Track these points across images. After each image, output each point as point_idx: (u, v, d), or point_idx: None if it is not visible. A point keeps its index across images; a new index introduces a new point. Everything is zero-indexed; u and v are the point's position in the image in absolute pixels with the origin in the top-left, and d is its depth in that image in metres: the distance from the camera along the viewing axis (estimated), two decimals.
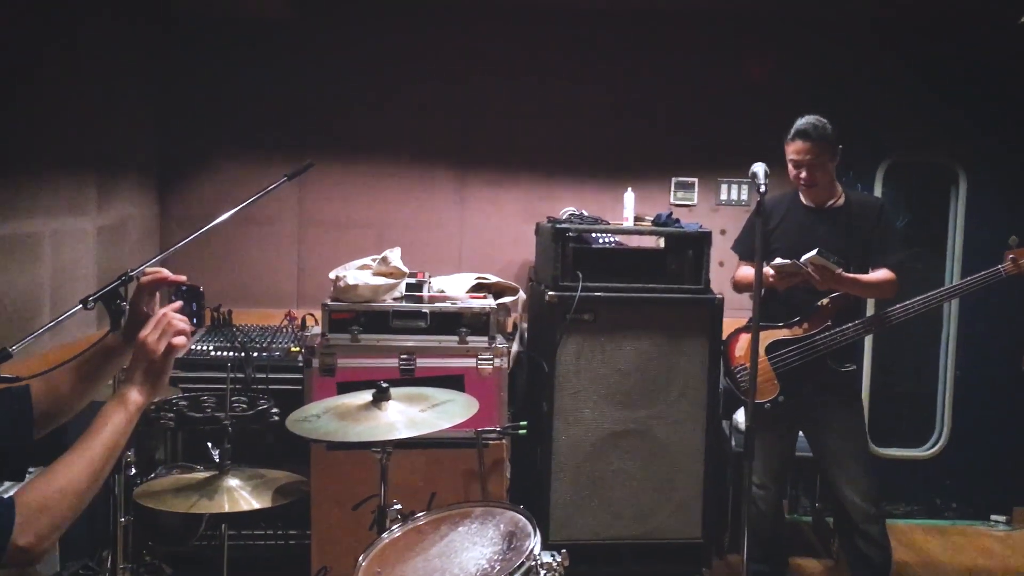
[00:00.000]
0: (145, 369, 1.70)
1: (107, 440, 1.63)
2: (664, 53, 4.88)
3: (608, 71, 4.88)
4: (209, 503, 2.33)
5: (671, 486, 4.02)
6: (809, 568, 4.44)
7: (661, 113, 4.91)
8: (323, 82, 4.74)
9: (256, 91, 4.70)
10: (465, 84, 4.81)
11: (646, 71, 4.89)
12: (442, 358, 3.82)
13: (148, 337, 1.71)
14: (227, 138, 4.72)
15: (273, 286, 4.78)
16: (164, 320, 1.72)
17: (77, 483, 1.56)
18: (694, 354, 3.99)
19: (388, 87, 4.78)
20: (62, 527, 1.54)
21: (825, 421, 3.72)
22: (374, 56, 4.76)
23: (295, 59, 4.72)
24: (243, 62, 4.69)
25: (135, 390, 1.69)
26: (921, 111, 4.93)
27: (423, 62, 4.79)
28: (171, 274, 1.90)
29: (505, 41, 4.82)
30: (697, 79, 4.90)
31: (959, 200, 5.07)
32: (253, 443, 3.57)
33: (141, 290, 1.87)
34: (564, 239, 3.97)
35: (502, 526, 2.29)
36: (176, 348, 1.72)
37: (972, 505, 5.16)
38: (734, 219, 4.89)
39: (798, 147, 3.58)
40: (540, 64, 4.85)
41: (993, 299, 4.74)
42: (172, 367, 1.75)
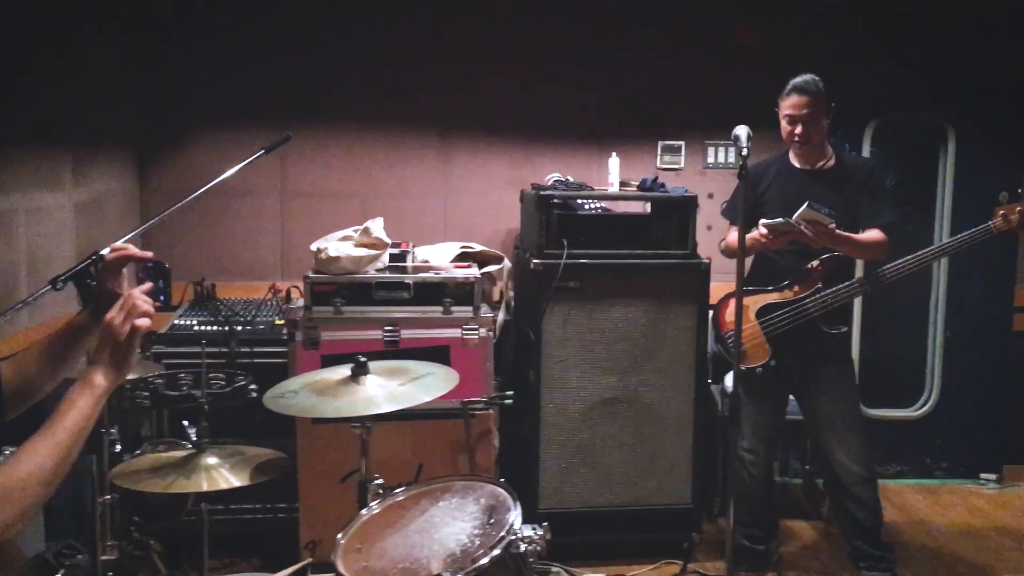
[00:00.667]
0: (111, 351, 1.66)
1: (72, 424, 1.59)
2: (649, 14, 4.79)
3: (592, 34, 4.79)
4: (187, 482, 2.30)
5: (660, 452, 4.00)
6: (799, 530, 4.44)
7: (647, 76, 4.83)
8: (304, 52, 4.65)
9: (237, 62, 4.61)
10: (448, 51, 4.73)
11: (631, 34, 4.80)
12: (427, 329, 3.79)
13: (113, 319, 1.67)
14: (208, 110, 4.64)
15: (257, 259, 4.72)
16: (129, 302, 1.68)
17: (42, 470, 1.52)
18: (682, 320, 3.96)
19: (370, 56, 4.69)
20: (28, 514, 1.51)
21: (817, 384, 3.70)
22: (356, 25, 4.67)
23: (276, 29, 4.63)
24: (224, 34, 4.60)
25: (100, 373, 1.65)
26: (909, 70, 4.86)
27: (405, 30, 4.70)
28: (137, 251, 1.85)
29: (487, 6, 4.73)
30: (683, 40, 4.82)
31: (948, 158, 5.03)
32: (239, 418, 3.54)
33: (107, 268, 1.83)
34: (549, 206, 3.92)
35: (483, 500, 2.26)
36: (140, 329, 1.68)
37: (962, 464, 5.17)
38: (722, 182, 4.84)
39: (794, 101, 3.54)
40: (523, 29, 4.76)
41: (981, 259, 4.71)
42: (138, 348, 1.71)
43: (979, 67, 4.89)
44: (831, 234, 3.43)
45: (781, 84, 3.69)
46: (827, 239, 3.45)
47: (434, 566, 1.99)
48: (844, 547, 3.92)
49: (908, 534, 4.38)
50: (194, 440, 2.43)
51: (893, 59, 4.84)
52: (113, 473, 2.34)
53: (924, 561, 4.08)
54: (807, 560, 4.12)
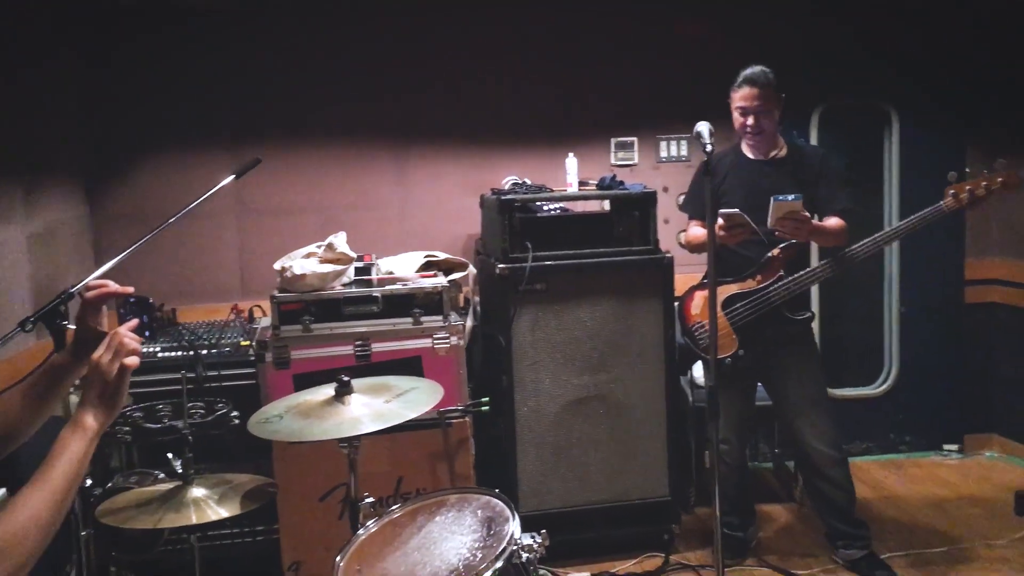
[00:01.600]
0: (100, 392, 1.63)
1: (67, 469, 1.56)
2: (598, 14, 4.83)
3: (541, 36, 4.82)
4: (176, 516, 2.26)
5: (635, 447, 4.04)
6: (775, 514, 4.52)
7: (597, 74, 4.87)
8: (256, 70, 4.60)
9: (188, 82, 4.55)
10: (400, 60, 4.71)
11: (580, 33, 4.84)
12: (398, 341, 3.77)
13: (101, 359, 1.64)
14: (159, 132, 4.57)
15: (216, 280, 4.66)
16: (116, 340, 1.66)
17: (39, 518, 1.49)
18: (648, 314, 4.00)
19: (322, 69, 4.65)
20: (28, 565, 1.48)
21: (784, 370, 3.77)
22: (306, 39, 4.64)
23: (227, 48, 4.57)
24: (173, 53, 4.53)
25: (90, 414, 1.62)
26: (852, 55, 4.97)
27: (356, 41, 4.67)
28: (116, 286, 1.82)
29: (438, 13, 4.72)
30: (630, 37, 4.87)
31: (892, 141, 5.15)
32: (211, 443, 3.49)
33: (87, 306, 1.79)
34: (510, 210, 3.93)
35: (479, 512, 2.26)
36: (129, 368, 1.65)
37: (925, 437, 5.31)
38: (676, 176, 4.90)
39: (746, 94, 3.60)
40: (474, 34, 4.77)
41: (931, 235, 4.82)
42: (127, 387, 1.68)
43: (920, 51, 5.01)
44: (811, 227, 3.49)
45: (728, 75, 3.74)
46: (807, 233, 3.51)
47: None
48: (821, 527, 3.99)
49: (879, 509, 4.48)
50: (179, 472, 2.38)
51: (836, 46, 4.94)
52: (99, 512, 2.30)
53: (897, 535, 4.18)
54: (785, 543, 4.19)
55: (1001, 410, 5.22)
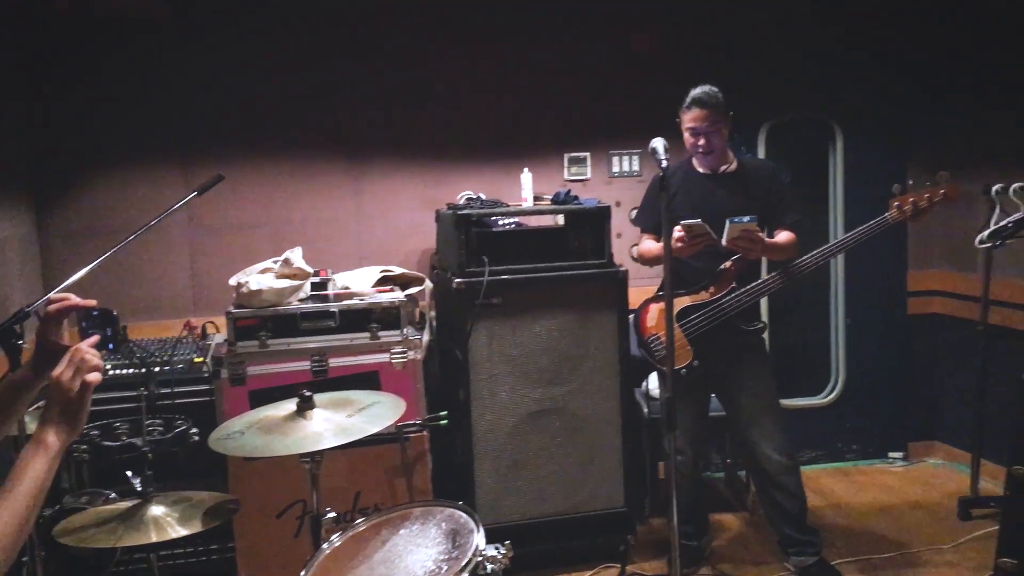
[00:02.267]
0: (61, 409, 1.61)
1: (29, 488, 1.54)
2: (550, 31, 4.89)
3: (494, 51, 4.86)
4: (136, 534, 2.24)
5: (591, 459, 4.08)
6: (728, 523, 4.59)
7: (549, 90, 4.92)
8: (205, 82, 4.57)
9: (136, 97, 4.50)
10: (352, 74, 4.71)
11: (532, 49, 4.89)
12: (355, 356, 3.77)
13: (62, 375, 1.62)
14: (107, 147, 4.51)
15: (168, 295, 4.61)
16: (77, 356, 1.64)
17: (2, 537, 1.48)
18: (604, 327, 4.05)
19: (273, 82, 4.64)
20: None
21: (737, 380, 3.83)
22: (257, 52, 4.61)
23: (174, 60, 4.53)
24: (121, 68, 4.48)
25: (52, 432, 1.60)
26: (796, 72, 5.08)
27: (308, 55, 4.66)
28: (79, 300, 1.80)
29: (390, 27, 4.73)
30: (582, 54, 4.93)
31: (837, 155, 5.28)
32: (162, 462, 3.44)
33: (48, 320, 1.77)
34: (467, 225, 3.95)
35: (444, 524, 2.27)
36: (91, 385, 1.64)
37: (871, 445, 5.43)
38: (628, 190, 4.97)
39: (695, 115, 3.66)
40: (427, 49, 4.79)
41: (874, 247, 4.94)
42: (89, 404, 1.67)
43: (860, 66, 5.15)
44: (764, 245, 3.57)
45: (678, 92, 3.80)
46: (760, 251, 3.59)
47: None
48: (772, 535, 4.06)
49: (829, 517, 4.57)
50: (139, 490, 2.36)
51: (782, 63, 5.06)
52: (56, 531, 2.26)
53: (846, 541, 4.26)
54: (738, 551, 4.25)
55: (944, 418, 5.37)
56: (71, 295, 1.81)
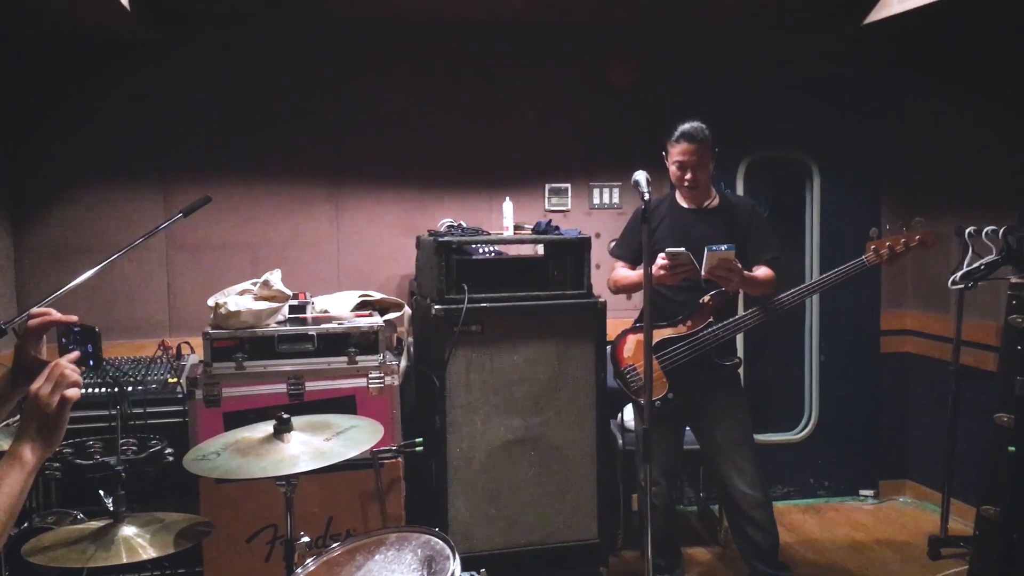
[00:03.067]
0: (39, 425, 1.60)
1: (4, 503, 1.53)
2: (532, 64, 4.94)
3: (478, 82, 4.90)
4: (106, 555, 2.21)
5: (566, 489, 4.07)
6: (699, 557, 4.58)
7: (531, 121, 4.96)
8: (186, 103, 4.57)
9: (114, 114, 4.50)
10: (335, 99, 4.73)
11: (515, 81, 4.94)
12: (332, 380, 3.76)
13: (40, 391, 1.61)
14: (85, 164, 4.49)
15: (143, 315, 4.57)
16: (56, 372, 1.62)
17: None
18: (581, 358, 4.05)
19: (253, 106, 4.64)
20: None
21: (712, 414, 3.85)
22: (239, 75, 4.63)
23: (155, 81, 4.54)
24: (100, 86, 4.49)
25: (28, 447, 1.59)
26: (776, 110, 5.16)
27: (291, 79, 4.68)
28: (60, 315, 1.79)
29: (374, 55, 4.76)
30: (565, 87, 4.99)
31: (813, 193, 5.35)
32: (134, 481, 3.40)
33: (28, 334, 1.76)
34: (447, 251, 3.96)
35: (419, 551, 2.26)
36: (70, 400, 1.62)
37: (842, 482, 5.45)
38: (608, 222, 5.01)
39: (683, 148, 3.71)
40: (410, 76, 4.82)
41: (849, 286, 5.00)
42: (67, 420, 1.65)
43: (839, 107, 5.24)
44: (742, 277, 3.61)
45: (658, 126, 3.86)
46: (738, 283, 3.62)
47: None
48: (744, 569, 4.06)
49: (799, 553, 4.58)
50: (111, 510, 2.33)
51: (762, 101, 5.13)
52: (24, 550, 2.22)
53: None
54: None
55: (914, 457, 5.41)
56: (52, 310, 1.80)
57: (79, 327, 1.77)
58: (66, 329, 1.79)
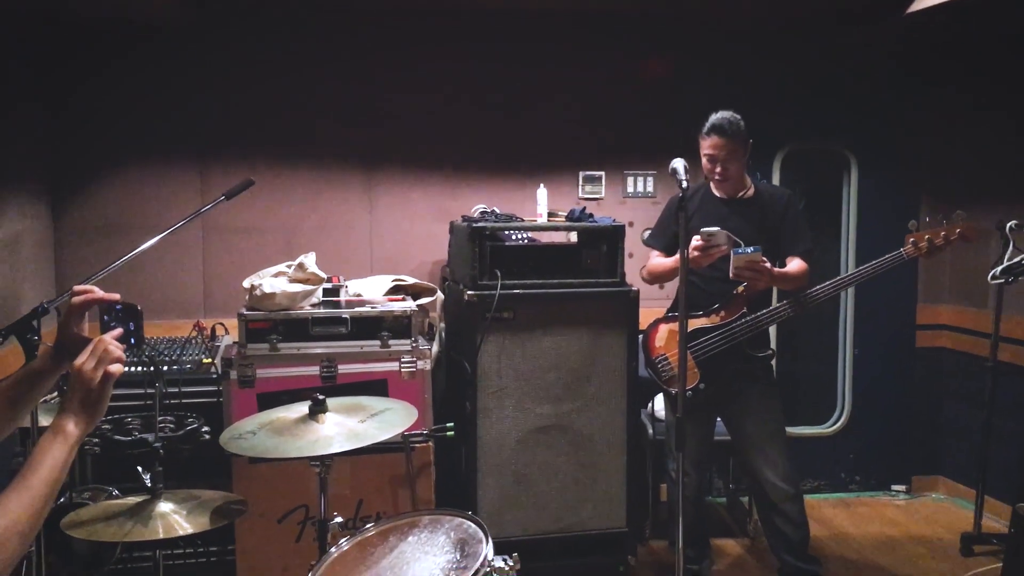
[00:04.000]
0: (82, 399, 1.62)
1: (47, 476, 1.54)
2: (569, 52, 4.91)
3: (513, 70, 4.88)
4: (144, 530, 2.24)
5: (595, 477, 4.06)
6: (728, 548, 4.57)
7: (566, 109, 4.94)
8: (224, 86, 4.60)
9: (154, 96, 4.54)
10: (371, 84, 4.74)
11: (551, 69, 4.91)
12: (364, 363, 3.77)
13: (84, 366, 1.63)
14: (124, 145, 4.54)
15: (179, 296, 4.62)
16: (100, 347, 1.64)
17: (18, 523, 1.48)
18: (613, 346, 4.04)
19: (291, 89, 4.67)
20: (6, 571, 1.47)
21: (744, 405, 3.83)
22: (276, 59, 4.65)
23: (195, 63, 4.57)
24: (140, 67, 4.53)
25: (72, 421, 1.61)
26: (813, 100, 5.11)
27: (327, 64, 4.69)
28: (102, 293, 1.81)
29: (410, 40, 4.76)
30: (601, 76, 4.96)
31: (851, 185, 5.29)
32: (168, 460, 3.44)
33: (71, 311, 1.78)
34: (481, 237, 3.96)
35: (452, 534, 2.27)
36: (113, 376, 1.64)
37: (874, 477, 5.41)
38: (642, 211, 4.98)
39: (714, 142, 3.67)
40: (446, 63, 4.82)
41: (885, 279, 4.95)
42: (110, 395, 1.67)
43: (878, 98, 5.17)
44: (771, 275, 3.58)
45: (694, 114, 3.83)
46: (767, 281, 3.59)
47: None
48: (773, 562, 4.04)
49: (830, 547, 4.55)
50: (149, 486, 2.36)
51: (799, 91, 5.08)
52: (64, 523, 2.26)
53: (846, 572, 4.25)
54: None
55: (948, 453, 5.35)
56: (96, 288, 1.81)
57: (121, 305, 1.79)
58: (108, 307, 1.81)
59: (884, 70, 5.19)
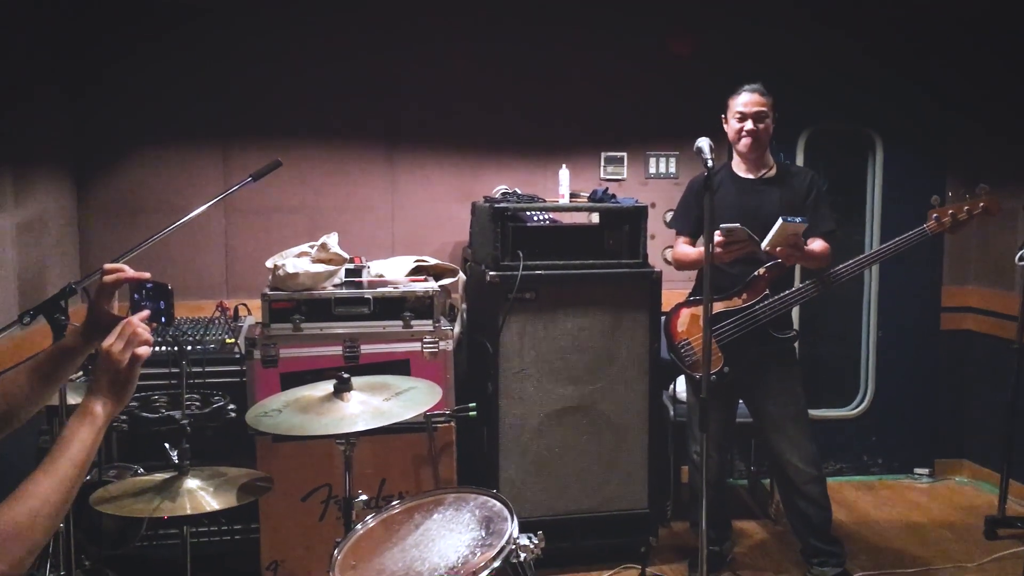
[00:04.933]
0: (110, 380, 1.62)
1: (76, 457, 1.55)
2: (590, 32, 4.88)
3: (534, 48, 4.85)
4: (172, 505, 2.26)
5: (616, 459, 4.06)
6: (749, 530, 4.56)
7: (588, 89, 4.91)
8: (245, 66, 4.59)
9: (177, 78, 4.53)
10: (395, 67, 4.72)
11: (572, 48, 4.88)
12: (386, 343, 3.78)
13: (112, 347, 1.63)
14: (147, 126, 4.54)
15: (201, 276, 4.64)
16: (128, 330, 1.65)
17: (48, 504, 1.48)
18: (635, 328, 4.03)
19: (312, 69, 4.66)
20: (35, 551, 1.47)
21: (766, 387, 3.81)
22: (297, 38, 4.64)
23: (217, 43, 4.56)
24: (161, 47, 4.52)
25: (100, 402, 1.61)
26: (838, 80, 5.05)
27: (348, 43, 4.68)
28: (133, 272, 1.82)
29: (431, 20, 4.75)
30: (623, 56, 4.92)
31: (876, 165, 5.24)
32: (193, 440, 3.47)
33: (102, 289, 1.79)
34: (503, 218, 3.95)
35: (477, 511, 2.28)
36: (141, 358, 1.65)
37: (896, 460, 5.38)
38: (664, 192, 4.96)
39: (747, 99, 3.68)
40: (466, 42, 4.80)
41: (909, 260, 4.91)
42: (137, 377, 1.68)
43: (903, 77, 5.11)
44: (803, 252, 3.55)
45: (716, 94, 3.80)
46: (799, 258, 3.56)
47: None
48: (794, 544, 4.04)
49: (852, 529, 4.54)
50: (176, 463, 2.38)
51: (823, 70, 5.03)
52: (94, 499, 2.28)
53: (869, 555, 4.23)
54: (759, 559, 4.23)
55: (971, 436, 5.32)
56: (126, 267, 1.82)
57: (152, 283, 1.80)
58: (138, 285, 1.81)
59: (909, 48, 5.12)
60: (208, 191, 4.53)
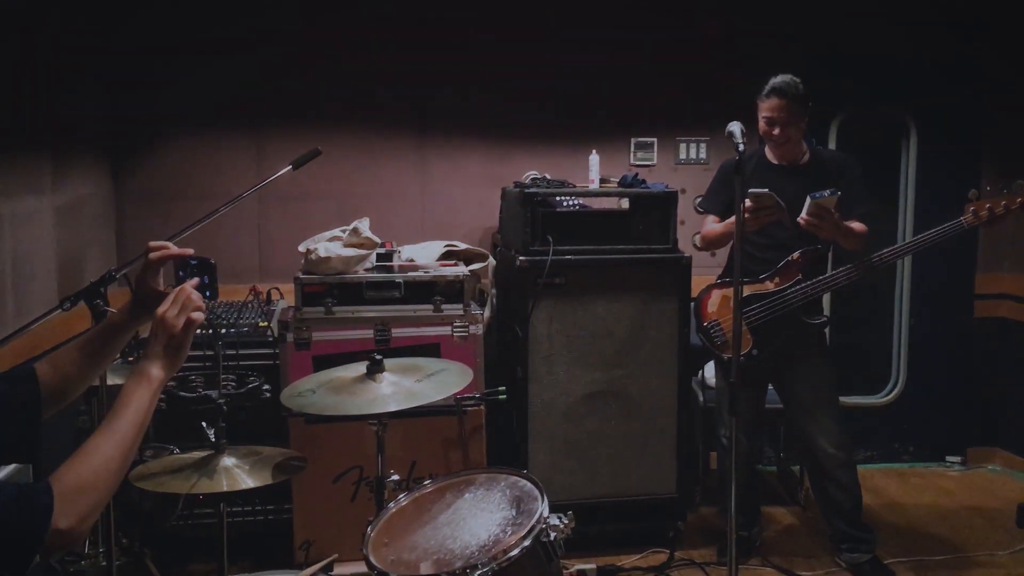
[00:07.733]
0: (165, 344, 1.68)
1: (133, 418, 1.61)
2: (619, 14, 4.87)
3: (564, 34, 4.85)
4: (209, 483, 2.30)
5: (645, 443, 4.08)
6: (778, 516, 4.56)
7: (618, 74, 4.91)
8: (277, 52, 4.63)
9: (209, 65, 4.58)
10: (425, 53, 4.74)
11: (601, 33, 4.87)
12: (417, 327, 3.82)
13: (167, 313, 1.69)
14: (180, 111, 4.60)
15: (235, 261, 4.69)
16: (183, 295, 1.71)
17: (110, 462, 1.54)
18: (664, 313, 4.03)
19: (343, 55, 4.69)
20: (99, 507, 1.53)
21: (796, 372, 3.81)
22: (328, 24, 4.67)
23: (248, 28, 4.61)
24: (196, 36, 4.57)
25: (156, 365, 1.67)
26: (872, 66, 5.01)
27: (378, 28, 4.70)
28: (177, 248, 1.87)
29: (460, 8, 4.75)
30: (650, 39, 4.91)
31: (910, 153, 5.19)
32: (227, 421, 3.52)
33: (148, 266, 1.84)
34: (533, 203, 3.96)
35: (508, 491, 2.30)
36: (195, 323, 1.70)
37: (928, 448, 5.35)
38: (694, 178, 4.95)
39: (772, 104, 3.63)
40: (495, 28, 4.80)
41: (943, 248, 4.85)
42: (191, 342, 1.73)
43: (939, 63, 5.05)
44: (835, 224, 3.52)
45: (748, 79, 3.78)
46: (831, 230, 3.53)
47: (467, 556, 2.03)
48: (826, 529, 4.03)
49: (882, 516, 4.52)
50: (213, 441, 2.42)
51: (856, 56, 4.98)
52: (133, 476, 2.33)
53: (900, 541, 4.22)
54: (788, 544, 4.23)
55: (1005, 425, 5.27)
56: (170, 244, 1.87)
57: (196, 260, 1.85)
58: (183, 262, 1.87)
59: (948, 33, 5.05)
60: (242, 177, 4.59)
